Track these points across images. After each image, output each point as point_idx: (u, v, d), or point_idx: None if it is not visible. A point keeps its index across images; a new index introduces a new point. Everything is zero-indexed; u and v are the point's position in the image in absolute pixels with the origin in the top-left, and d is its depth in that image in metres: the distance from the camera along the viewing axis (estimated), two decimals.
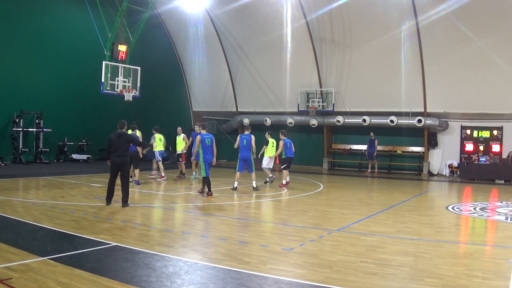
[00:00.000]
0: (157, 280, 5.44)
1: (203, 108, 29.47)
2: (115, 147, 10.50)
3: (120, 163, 10.48)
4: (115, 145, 10.52)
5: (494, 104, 21.03)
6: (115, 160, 10.45)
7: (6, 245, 6.60)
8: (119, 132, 10.71)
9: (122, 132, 10.82)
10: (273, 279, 5.61)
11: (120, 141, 10.57)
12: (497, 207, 12.61)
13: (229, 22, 26.24)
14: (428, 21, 20.96)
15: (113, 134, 10.67)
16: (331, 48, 24.22)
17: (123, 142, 10.66)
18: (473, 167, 20.91)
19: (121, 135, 10.70)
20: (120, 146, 10.53)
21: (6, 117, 20.46)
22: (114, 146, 10.51)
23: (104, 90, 19.78)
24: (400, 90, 22.72)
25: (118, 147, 10.50)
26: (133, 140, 11.48)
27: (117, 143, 10.53)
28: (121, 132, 10.75)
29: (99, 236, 7.48)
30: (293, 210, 11.27)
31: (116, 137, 10.58)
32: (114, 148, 10.48)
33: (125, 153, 10.67)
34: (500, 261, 6.80)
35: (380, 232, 8.65)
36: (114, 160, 10.45)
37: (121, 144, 10.57)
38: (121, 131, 10.79)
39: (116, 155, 10.44)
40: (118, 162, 10.45)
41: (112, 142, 10.59)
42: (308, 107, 24.80)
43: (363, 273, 5.92)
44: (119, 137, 10.60)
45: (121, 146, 10.54)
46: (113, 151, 10.48)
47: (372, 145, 23.26)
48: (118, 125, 10.92)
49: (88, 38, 21.92)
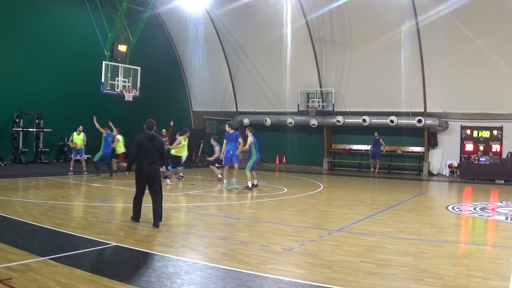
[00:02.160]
0: (157, 280, 5.44)
1: (203, 108, 29.47)
2: (144, 152, 8.62)
3: (151, 173, 8.67)
4: (145, 149, 8.63)
5: (494, 104, 21.03)
6: (145, 169, 8.59)
7: (6, 245, 6.60)
8: (150, 134, 8.78)
9: (154, 134, 8.88)
10: (273, 279, 5.61)
11: (151, 145, 8.70)
12: (497, 207, 12.61)
13: (229, 22, 26.25)
14: (428, 21, 20.97)
15: (142, 136, 8.76)
16: (331, 48, 24.22)
17: (155, 147, 8.79)
18: (473, 167, 20.90)
19: (153, 137, 8.79)
20: (151, 151, 8.68)
21: (6, 117, 20.47)
22: (144, 151, 8.63)
23: (104, 90, 19.79)
24: (400, 90, 22.73)
25: (149, 152, 8.64)
26: (163, 147, 9.20)
27: (147, 147, 8.65)
28: (152, 134, 8.82)
29: (99, 236, 7.48)
30: (293, 210, 11.26)
31: (146, 139, 8.69)
32: (144, 154, 8.61)
33: (157, 160, 8.80)
34: (500, 261, 6.80)
35: (380, 232, 8.65)
36: (144, 168, 8.59)
37: (153, 148, 8.71)
38: (152, 133, 8.85)
39: (147, 162, 8.58)
40: (149, 172, 8.62)
41: (141, 145, 8.64)
42: (308, 107, 24.80)
43: (363, 273, 5.92)
44: (150, 140, 8.71)
45: (152, 151, 8.69)
46: (142, 157, 8.60)
47: (377, 145, 23.23)
48: (145, 126, 8.92)
49: (88, 38, 21.93)
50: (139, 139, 8.71)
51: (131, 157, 8.82)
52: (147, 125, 8.93)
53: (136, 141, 8.71)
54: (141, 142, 8.66)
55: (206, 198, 12.78)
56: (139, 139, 8.72)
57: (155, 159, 8.73)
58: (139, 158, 8.62)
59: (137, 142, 8.69)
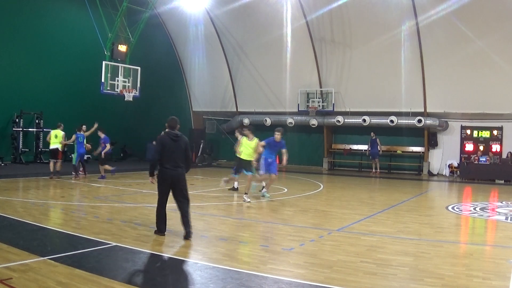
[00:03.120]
0: (157, 280, 5.44)
1: (203, 108, 29.46)
2: (168, 154, 7.68)
3: (175, 177, 7.73)
4: (168, 151, 7.69)
5: (494, 104, 21.02)
6: (169, 173, 7.67)
7: (6, 245, 6.60)
8: (174, 134, 7.85)
9: (178, 133, 7.92)
10: (273, 279, 5.61)
11: (175, 145, 7.76)
12: (497, 207, 12.62)
13: (229, 22, 26.25)
14: (428, 21, 20.96)
15: (164, 136, 7.85)
16: (331, 48, 24.22)
17: (180, 148, 7.82)
18: (473, 167, 20.90)
19: (178, 137, 7.84)
20: (176, 152, 7.74)
21: (6, 117, 20.47)
22: (167, 152, 7.69)
23: (104, 90, 19.79)
24: (400, 90, 22.72)
25: (173, 154, 7.71)
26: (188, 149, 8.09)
27: (171, 148, 7.72)
28: (177, 134, 7.88)
29: (99, 236, 7.48)
30: (293, 210, 11.27)
31: (170, 140, 7.76)
32: (167, 156, 7.68)
33: (182, 163, 7.85)
34: (500, 261, 6.80)
35: (380, 232, 8.65)
36: (167, 172, 7.67)
37: (177, 149, 7.77)
38: (177, 132, 7.90)
39: (171, 165, 7.67)
40: (173, 176, 7.70)
41: (163, 146, 7.70)
42: (308, 107, 24.80)
43: (363, 273, 5.93)
44: (174, 140, 7.78)
45: (176, 152, 7.75)
46: (165, 159, 7.68)
47: (374, 145, 23.26)
48: (168, 124, 7.98)
49: (88, 38, 21.93)
50: (162, 139, 7.79)
51: (153, 160, 7.82)
52: (169, 123, 7.99)
53: (159, 142, 7.80)
54: (164, 143, 7.72)
55: (206, 198, 12.78)
56: (161, 139, 7.80)
57: (180, 161, 7.79)
58: (161, 161, 7.69)
59: (159, 143, 7.77)
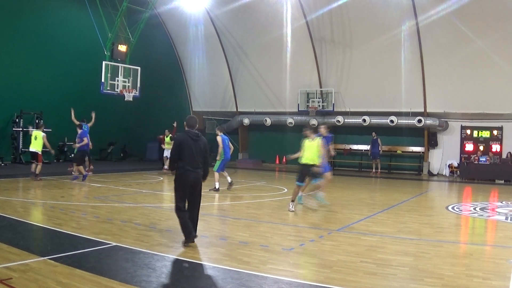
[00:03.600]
0: (157, 280, 5.44)
1: (203, 108, 29.47)
2: (188, 154, 7.22)
3: (196, 180, 7.31)
4: (188, 151, 7.24)
5: (494, 104, 21.04)
6: (190, 176, 7.20)
7: (6, 245, 6.60)
8: (194, 133, 7.40)
9: (198, 133, 7.52)
10: (273, 279, 5.61)
11: (195, 146, 7.32)
12: (497, 207, 12.61)
13: (229, 22, 26.26)
14: (428, 21, 20.99)
15: (184, 135, 7.37)
16: (331, 48, 24.23)
17: (200, 148, 7.39)
18: (473, 167, 20.90)
19: (198, 137, 7.42)
20: (196, 153, 7.30)
21: (6, 117, 20.48)
22: (187, 153, 7.23)
23: (104, 90, 19.80)
24: (400, 90, 22.73)
25: (193, 154, 7.25)
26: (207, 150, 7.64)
27: (191, 148, 7.26)
28: (197, 133, 7.45)
29: (99, 236, 7.48)
30: (293, 210, 11.25)
31: (190, 139, 7.30)
32: (187, 157, 7.21)
33: (201, 165, 7.42)
34: (500, 261, 6.80)
35: (380, 232, 8.65)
36: (187, 175, 7.19)
37: (197, 150, 7.34)
38: (197, 132, 7.48)
39: (191, 167, 7.21)
40: (194, 178, 7.25)
41: (183, 146, 7.25)
42: (308, 107, 24.81)
43: (363, 273, 5.93)
44: (194, 140, 7.33)
45: (196, 153, 7.31)
46: (185, 160, 7.21)
47: (375, 145, 23.24)
48: (186, 123, 7.56)
49: (88, 38, 21.94)
50: (181, 139, 7.32)
51: (172, 160, 7.37)
52: (188, 122, 7.54)
53: (178, 141, 7.33)
54: (184, 143, 7.26)
55: (206, 198, 12.75)
56: (181, 139, 7.33)
57: (200, 163, 7.37)
58: (181, 162, 7.21)
59: (178, 142, 7.30)
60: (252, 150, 28.57)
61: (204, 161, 7.49)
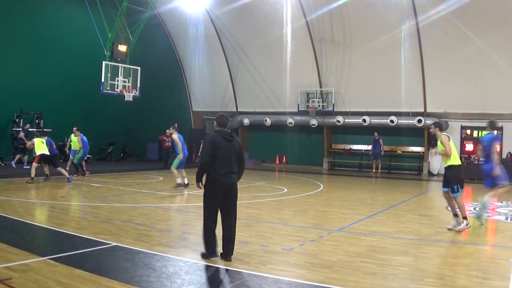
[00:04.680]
0: (157, 280, 5.44)
1: (203, 108, 29.47)
2: (221, 157, 6.32)
3: (229, 186, 6.38)
4: (222, 154, 6.33)
5: (494, 104, 21.01)
6: (222, 181, 6.30)
7: (6, 245, 6.60)
8: (228, 133, 6.53)
9: (232, 133, 6.63)
10: (273, 279, 5.62)
11: (229, 147, 6.41)
12: (497, 207, 12.60)
13: (229, 22, 26.25)
14: (428, 21, 20.96)
15: (216, 135, 6.43)
16: (331, 48, 24.22)
17: (234, 150, 6.48)
18: (473, 167, 20.89)
19: (232, 137, 6.51)
20: (230, 156, 6.40)
21: (6, 117, 20.50)
22: (221, 155, 6.32)
23: (104, 90, 19.81)
24: (400, 90, 22.72)
25: (227, 157, 6.36)
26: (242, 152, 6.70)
27: (225, 150, 6.36)
28: (231, 133, 6.57)
29: (99, 236, 7.48)
30: (293, 210, 11.26)
31: (223, 140, 6.39)
32: (220, 160, 6.30)
33: (236, 169, 6.52)
34: (500, 261, 6.80)
35: (380, 232, 8.65)
36: (220, 180, 6.29)
37: (231, 152, 6.43)
38: (230, 131, 6.62)
39: (224, 171, 6.32)
40: (227, 185, 6.35)
41: (217, 148, 6.32)
42: (308, 107, 24.80)
43: (363, 273, 5.93)
44: (228, 140, 6.43)
45: (231, 156, 6.41)
46: (218, 164, 6.29)
47: (377, 145, 23.22)
48: (217, 122, 6.67)
49: (88, 38, 21.96)
50: (214, 139, 6.37)
51: (205, 164, 6.33)
52: (219, 120, 6.65)
53: (210, 142, 6.35)
54: (217, 143, 6.33)
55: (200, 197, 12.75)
56: (213, 139, 6.37)
57: (234, 167, 6.47)
58: (213, 166, 6.30)
59: (211, 143, 6.33)
60: (252, 150, 28.55)
61: (240, 164, 6.59)
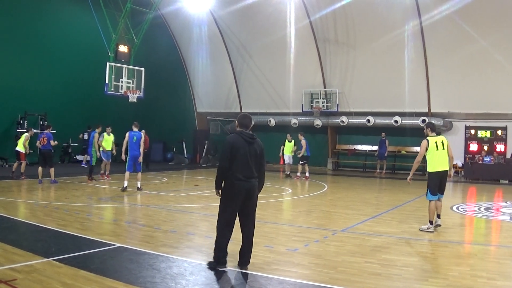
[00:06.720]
0: (161, 281, 5.45)
1: (207, 108, 29.50)
2: (242, 160, 5.91)
3: (249, 192, 6.00)
4: (242, 157, 5.91)
5: (498, 104, 20.95)
6: (242, 186, 5.91)
7: (11, 246, 6.62)
8: (249, 134, 6.07)
9: (253, 134, 6.14)
10: (278, 280, 5.62)
11: (250, 150, 5.98)
12: (502, 207, 12.56)
13: (232, 23, 26.27)
14: (431, 20, 20.92)
15: (236, 137, 6.00)
16: (335, 48, 24.19)
17: (255, 153, 6.04)
18: (477, 167, 20.83)
19: (253, 139, 6.06)
20: (251, 159, 5.96)
21: (10, 118, 20.55)
22: (241, 158, 5.90)
23: (108, 91, 19.86)
24: (404, 90, 22.65)
25: (247, 160, 5.93)
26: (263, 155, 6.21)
27: (245, 153, 5.93)
28: (252, 135, 6.10)
29: (103, 237, 7.50)
30: (298, 210, 11.26)
31: (243, 142, 5.96)
32: (240, 163, 5.89)
33: (256, 173, 6.08)
34: (505, 261, 6.78)
35: (385, 232, 8.64)
36: (240, 185, 5.89)
37: (252, 155, 5.99)
38: (251, 133, 6.14)
39: (244, 175, 5.91)
40: (247, 190, 5.96)
41: (237, 150, 5.90)
42: (312, 108, 24.79)
43: (367, 274, 5.92)
44: (249, 143, 5.99)
45: (251, 159, 5.97)
46: (237, 167, 5.88)
47: (383, 146, 23.17)
48: (239, 122, 6.20)
49: (92, 39, 21.99)
50: (234, 141, 5.93)
51: (223, 168, 5.91)
52: (241, 121, 6.18)
53: (228, 145, 5.91)
54: (236, 146, 5.90)
55: (210, 199, 12.77)
56: (233, 141, 5.93)
57: (255, 171, 6.05)
58: (232, 169, 5.89)
59: (230, 145, 5.90)
60: None
61: (260, 169, 6.15)
